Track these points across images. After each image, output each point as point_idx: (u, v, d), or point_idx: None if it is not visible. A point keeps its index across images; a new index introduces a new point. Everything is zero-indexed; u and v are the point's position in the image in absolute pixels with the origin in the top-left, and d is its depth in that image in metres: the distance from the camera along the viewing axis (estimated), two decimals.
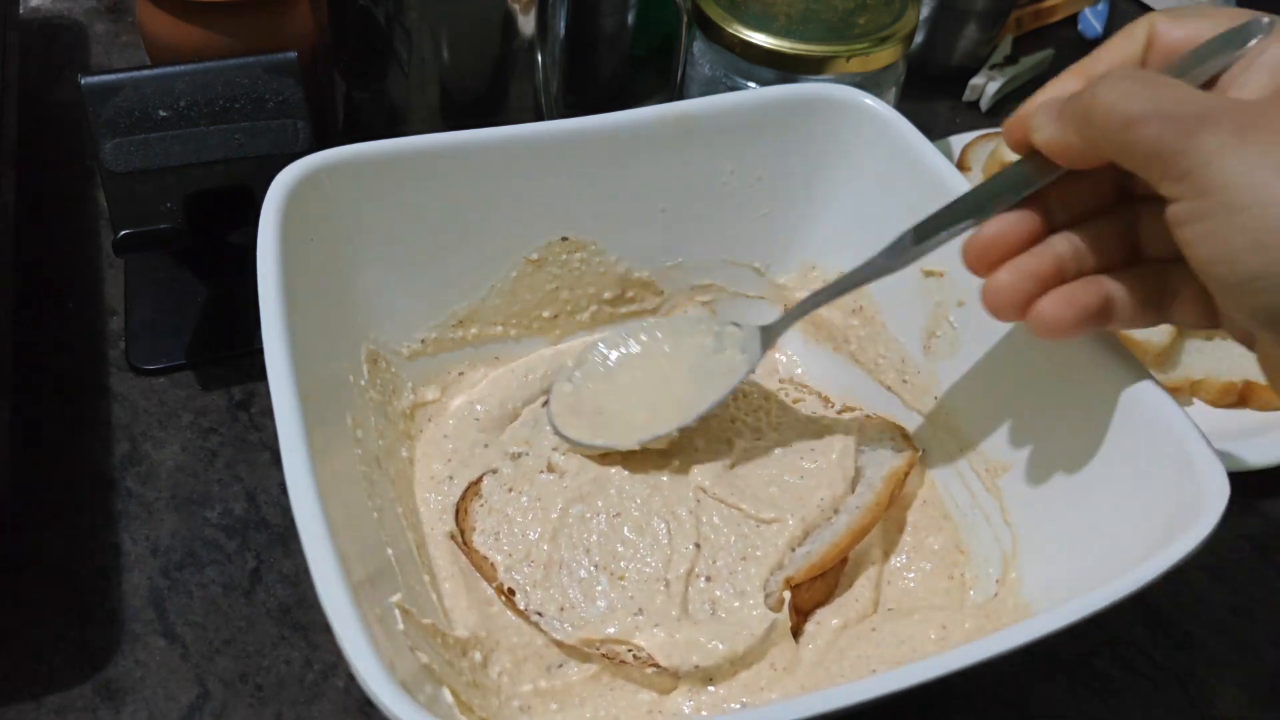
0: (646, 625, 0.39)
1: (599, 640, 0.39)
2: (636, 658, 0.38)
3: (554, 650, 0.40)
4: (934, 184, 0.45)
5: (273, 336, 0.36)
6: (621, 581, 0.40)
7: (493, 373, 0.48)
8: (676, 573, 0.40)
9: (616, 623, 0.39)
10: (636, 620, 0.39)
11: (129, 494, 0.47)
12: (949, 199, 0.38)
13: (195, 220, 0.49)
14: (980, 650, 0.31)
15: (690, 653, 0.38)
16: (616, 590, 0.40)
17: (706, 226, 0.50)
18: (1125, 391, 0.37)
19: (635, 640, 0.38)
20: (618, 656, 0.39)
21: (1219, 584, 0.48)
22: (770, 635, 0.39)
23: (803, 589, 0.40)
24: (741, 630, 0.39)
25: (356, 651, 0.29)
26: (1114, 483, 0.37)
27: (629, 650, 0.38)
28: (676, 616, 0.39)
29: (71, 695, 0.40)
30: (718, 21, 0.55)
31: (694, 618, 0.39)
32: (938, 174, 0.45)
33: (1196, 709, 0.44)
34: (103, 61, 0.70)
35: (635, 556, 0.41)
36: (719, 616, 0.39)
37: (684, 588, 0.40)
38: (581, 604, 0.40)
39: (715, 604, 0.40)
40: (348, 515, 0.35)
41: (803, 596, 0.41)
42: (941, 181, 0.44)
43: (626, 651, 0.39)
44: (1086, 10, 0.83)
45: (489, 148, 0.44)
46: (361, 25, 0.54)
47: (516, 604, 0.40)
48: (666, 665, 0.38)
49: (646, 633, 0.38)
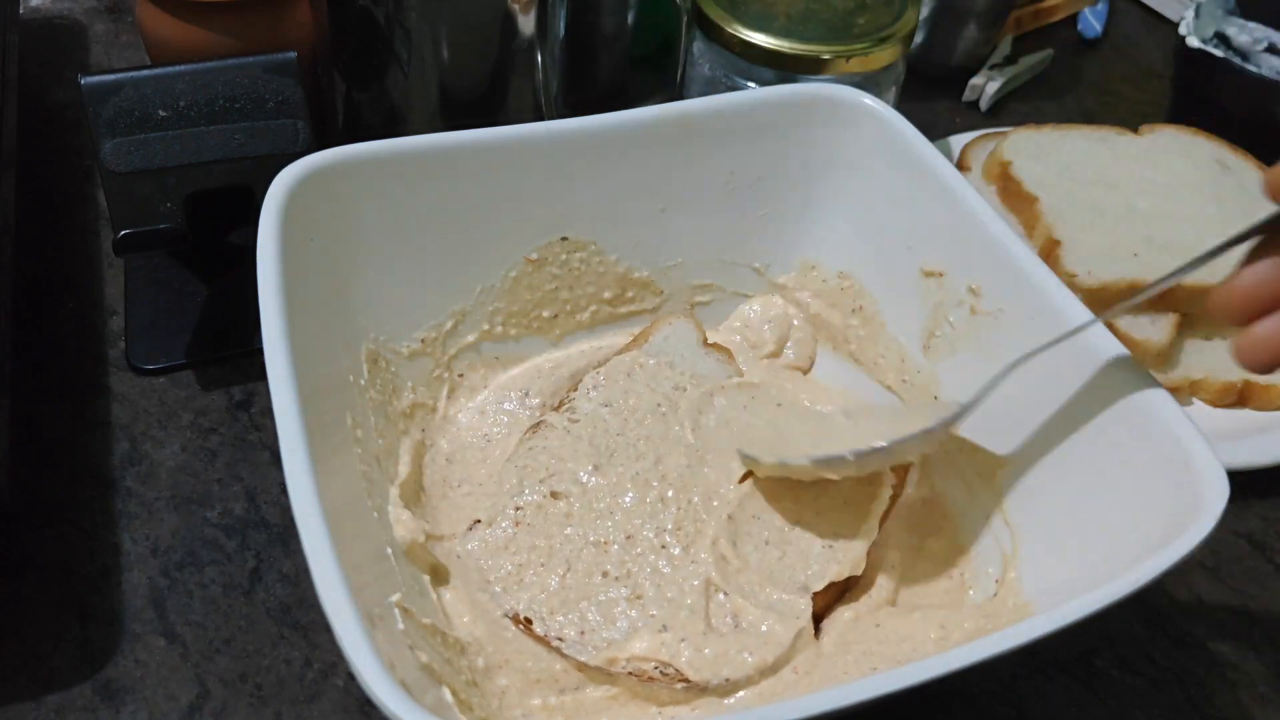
0: (673, 641, 0.38)
1: (625, 659, 0.38)
2: (664, 674, 0.38)
3: (573, 674, 0.39)
4: (934, 184, 0.45)
5: (273, 336, 0.36)
6: (640, 600, 0.40)
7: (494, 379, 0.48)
8: (696, 587, 0.40)
9: (641, 640, 0.39)
10: (663, 637, 0.39)
11: (129, 494, 0.47)
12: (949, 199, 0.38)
13: (195, 220, 0.49)
14: (980, 650, 0.31)
15: (721, 666, 0.38)
16: (637, 609, 0.40)
17: (706, 226, 0.50)
18: (1125, 391, 0.37)
19: (662, 656, 0.38)
20: (645, 674, 0.38)
21: (1219, 584, 0.48)
22: (796, 644, 0.39)
23: (820, 595, 0.41)
24: (769, 641, 0.38)
25: (356, 651, 0.29)
26: (1114, 482, 0.37)
27: (656, 667, 0.38)
28: (703, 631, 0.39)
29: (71, 695, 0.40)
30: (718, 21, 0.55)
31: (718, 630, 0.39)
32: (937, 174, 0.45)
33: (1196, 709, 0.44)
34: (103, 61, 0.70)
35: (652, 576, 0.41)
36: (742, 628, 0.39)
37: (705, 602, 0.40)
38: (602, 625, 0.39)
39: (738, 616, 0.40)
40: (348, 515, 0.35)
41: (818, 601, 0.41)
42: (941, 182, 0.45)
43: (654, 668, 0.38)
44: (1086, 10, 0.83)
45: (489, 148, 0.44)
46: (361, 25, 0.54)
47: (535, 631, 0.40)
48: (696, 680, 0.38)
49: (673, 648, 0.38)
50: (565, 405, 0.47)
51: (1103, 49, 0.83)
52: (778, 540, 0.42)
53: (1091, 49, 0.82)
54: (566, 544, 0.42)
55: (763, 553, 0.42)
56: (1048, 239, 0.57)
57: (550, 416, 0.46)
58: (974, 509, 0.43)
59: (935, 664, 0.30)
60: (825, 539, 0.42)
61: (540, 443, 0.45)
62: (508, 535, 0.42)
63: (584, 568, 0.41)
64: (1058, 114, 0.75)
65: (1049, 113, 0.75)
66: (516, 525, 0.42)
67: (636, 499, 0.43)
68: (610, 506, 0.43)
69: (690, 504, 0.43)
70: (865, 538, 0.42)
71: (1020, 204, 0.60)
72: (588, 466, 0.44)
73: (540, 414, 0.47)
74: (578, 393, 0.47)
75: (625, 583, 0.40)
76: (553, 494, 0.43)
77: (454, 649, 0.37)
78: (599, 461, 0.44)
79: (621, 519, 0.42)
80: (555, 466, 0.44)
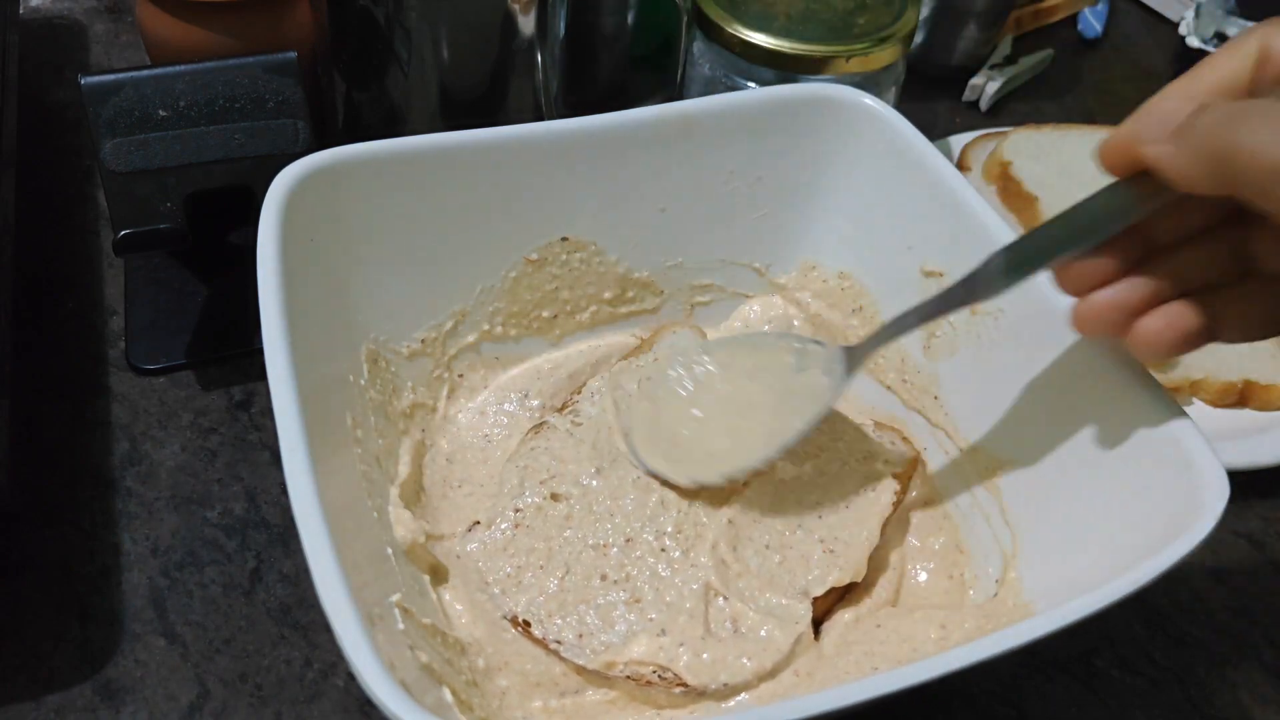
0: (671, 645, 0.38)
1: (623, 663, 0.38)
2: (662, 678, 0.38)
3: (573, 677, 0.39)
4: (934, 184, 0.45)
5: (273, 336, 0.36)
6: (639, 604, 0.40)
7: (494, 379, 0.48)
8: (695, 592, 0.40)
9: (640, 644, 0.39)
10: (661, 641, 0.39)
11: (129, 494, 0.47)
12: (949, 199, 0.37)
13: (195, 220, 0.49)
14: (980, 650, 0.31)
15: (719, 670, 0.38)
16: (635, 612, 0.40)
17: (706, 226, 0.50)
18: (1125, 391, 0.37)
19: (660, 660, 0.38)
20: (643, 678, 0.38)
21: (1219, 584, 0.48)
22: (796, 649, 0.39)
23: (819, 599, 0.40)
24: (768, 646, 0.38)
25: (356, 651, 0.29)
26: (1114, 482, 0.37)
27: (655, 671, 0.38)
28: (701, 636, 0.39)
29: (71, 695, 0.40)
30: (718, 21, 0.55)
31: (717, 635, 0.39)
32: (937, 174, 0.45)
33: (1196, 709, 0.44)
34: (103, 61, 0.70)
35: (651, 579, 0.41)
36: (741, 633, 0.39)
37: (704, 606, 0.40)
38: (601, 629, 0.39)
39: (737, 621, 0.39)
40: (348, 515, 0.35)
41: (818, 605, 0.41)
42: (941, 182, 0.45)
43: (652, 672, 0.38)
44: (1086, 10, 0.83)
45: (489, 148, 0.44)
46: (361, 25, 0.54)
47: (534, 634, 0.40)
48: (694, 684, 0.38)
49: (671, 652, 0.38)
50: (569, 408, 0.47)
51: (1103, 49, 0.83)
52: (778, 545, 0.42)
53: (1091, 49, 0.82)
54: (566, 546, 0.42)
55: (763, 557, 0.41)
56: None
57: (553, 418, 0.46)
58: (974, 509, 0.43)
59: (935, 664, 0.30)
60: (826, 543, 0.42)
61: (543, 444, 0.45)
62: (507, 537, 0.42)
63: (583, 570, 0.41)
64: (1058, 114, 0.75)
65: (1049, 113, 0.75)
66: (516, 527, 0.42)
67: (637, 503, 0.43)
68: (610, 509, 0.43)
69: (690, 508, 0.42)
70: (867, 543, 0.42)
71: (1020, 204, 0.60)
72: (590, 469, 0.44)
73: (540, 415, 0.47)
74: (582, 396, 0.47)
75: (624, 586, 0.40)
76: (553, 496, 0.43)
77: (454, 649, 0.37)
78: (601, 465, 0.44)
79: (621, 522, 0.42)
80: (556, 468, 0.44)
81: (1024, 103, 0.75)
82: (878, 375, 0.49)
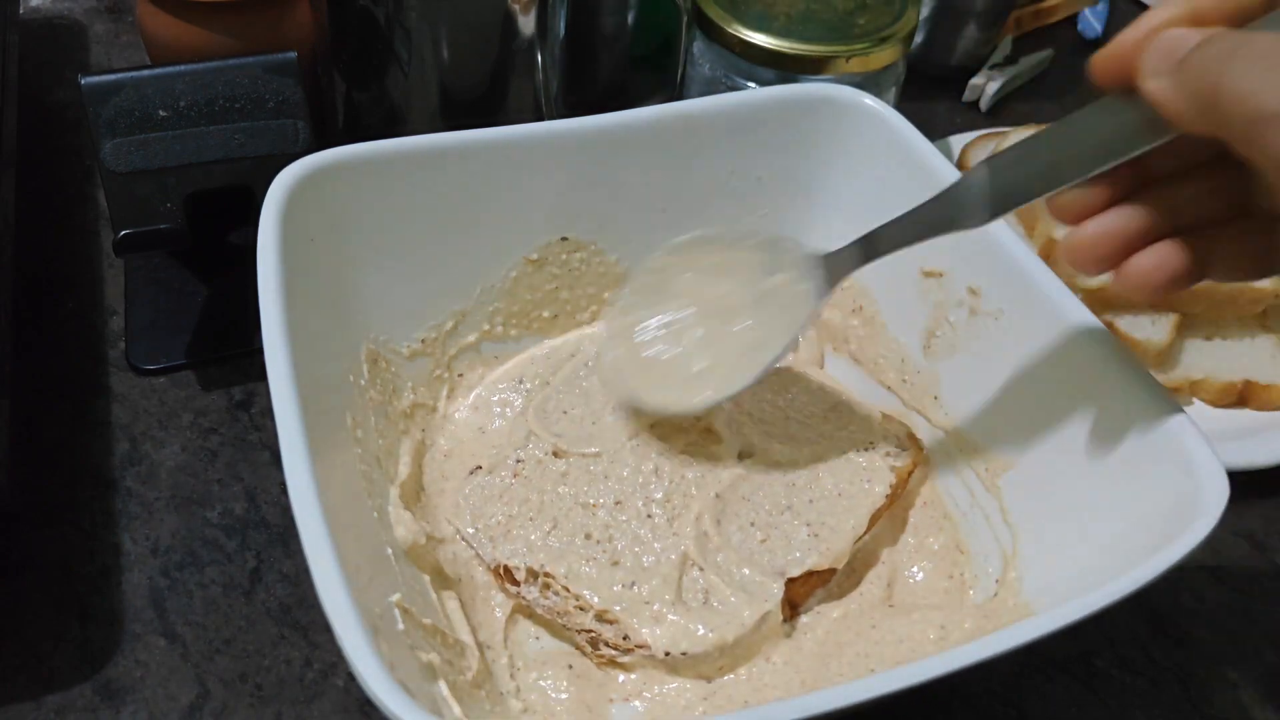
0: (635, 601, 0.39)
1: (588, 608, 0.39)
2: (625, 639, 0.39)
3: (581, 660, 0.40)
4: (934, 184, 0.45)
5: (273, 336, 0.36)
6: (616, 566, 0.41)
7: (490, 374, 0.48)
8: (671, 560, 0.40)
9: (603, 591, 0.39)
10: (625, 592, 0.39)
11: (129, 494, 0.47)
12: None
13: (195, 220, 0.49)
14: (980, 650, 0.31)
15: (679, 638, 0.38)
16: (609, 572, 0.40)
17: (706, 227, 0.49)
18: (1125, 391, 0.37)
19: (617, 613, 0.39)
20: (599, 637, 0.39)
21: (1219, 584, 0.48)
22: (761, 628, 0.39)
23: (797, 583, 0.41)
24: (732, 620, 0.39)
25: (356, 651, 0.29)
26: (1114, 483, 0.37)
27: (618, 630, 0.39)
28: (670, 601, 0.39)
29: (71, 695, 0.40)
30: (718, 21, 0.55)
31: (686, 604, 0.39)
32: (937, 174, 0.45)
33: (1196, 709, 0.44)
34: (103, 61, 0.70)
35: (632, 543, 0.41)
36: (712, 605, 0.40)
37: (678, 575, 0.40)
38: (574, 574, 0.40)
39: (709, 594, 0.40)
40: (348, 515, 0.35)
41: (796, 591, 0.41)
42: (941, 182, 0.44)
43: (616, 634, 0.39)
44: (1086, 10, 0.83)
45: (489, 148, 0.44)
46: (361, 25, 0.54)
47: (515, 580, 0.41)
48: (654, 649, 0.38)
49: (635, 608, 0.39)
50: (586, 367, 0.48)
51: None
52: (763, 524, 0.42)
53: (1091, 49, 0.82)
54: (557, 501, 0.42)
55: (745, 534, 0.42)
56: (1048, 239, 0.57)
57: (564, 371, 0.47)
58: (974, 509, 0.43)
59: (935, 664, 0.30)
60: (812, 527, 0.42)
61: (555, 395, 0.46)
62: (504, 484, 0.43)
63: (570, 527, 0.42)
64: (1058, 114, 0.75)
65: (1049, 113, 0.75)
66: (515, 476, 0.43)
67: (633, 469, 0.43)
68: (605, 471, 0.43)
69: (683, 479, 0.43)
70: (852, 531, 0.42)
71: None
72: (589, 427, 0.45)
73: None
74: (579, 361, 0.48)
75: (605, 547, 0.41)
76: (555, 452, 0.44)
77: (454, 649, 0.37)
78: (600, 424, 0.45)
79: (614, 485, 0.43)
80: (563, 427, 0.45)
81: (1024, 103, 0.75)
82: (878, 375, 0.49)
